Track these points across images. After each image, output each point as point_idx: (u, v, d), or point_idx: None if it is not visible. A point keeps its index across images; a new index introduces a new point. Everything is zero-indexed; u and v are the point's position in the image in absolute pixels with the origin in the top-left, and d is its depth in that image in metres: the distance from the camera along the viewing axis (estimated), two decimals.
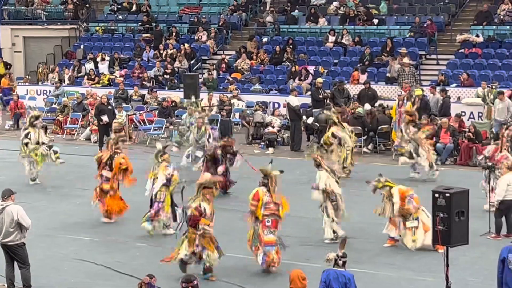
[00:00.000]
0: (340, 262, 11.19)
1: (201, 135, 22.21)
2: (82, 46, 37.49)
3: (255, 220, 14.82)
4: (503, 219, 16.47)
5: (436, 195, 11.53)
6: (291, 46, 33.31)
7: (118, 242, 16.77)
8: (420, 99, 26.28)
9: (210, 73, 32.70)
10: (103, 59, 35.38)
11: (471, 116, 27.10)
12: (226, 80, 32.49)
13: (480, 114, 26.88)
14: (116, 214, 18.24)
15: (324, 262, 11.37)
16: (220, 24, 36.33)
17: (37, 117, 22.28)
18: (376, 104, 27.33)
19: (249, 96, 30.87)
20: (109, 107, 27.41)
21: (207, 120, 23.12)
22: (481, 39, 31.47)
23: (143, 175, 17.78)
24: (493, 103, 25.83)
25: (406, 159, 22.12)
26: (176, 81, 32.75)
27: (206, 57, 35.31)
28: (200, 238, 14.15)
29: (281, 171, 15.34)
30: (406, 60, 29.71)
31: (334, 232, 16.26)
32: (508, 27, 31.96)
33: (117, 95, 31.79)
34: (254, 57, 33.79)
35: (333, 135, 22.10)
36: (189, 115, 23.45)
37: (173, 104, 30.30)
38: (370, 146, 25.73)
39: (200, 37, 35.91)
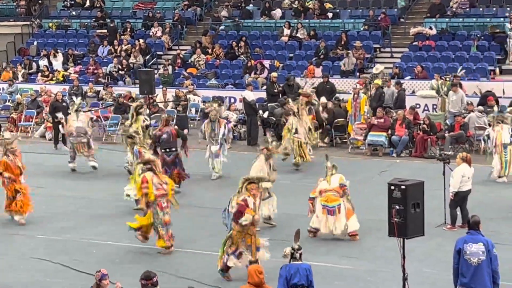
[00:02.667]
0: (297, 255, 11.30)
1: (216, 128, 21.72)
2: (35, 43, 37.12)
3: (151, 204, 15.28)
4: (458, 210, 16.64)
5: (392, 187, 11.61)
6: (243, 41, 33.27)
7: (74, 240, 16.66)
8: (376, 88, 26.55)
9: (165, 68, 32.61)
10: (55, 56, 35.05)
11: (426, 108, 27.33)
12: (182, 75, 32.41)
13: (435, 106, 27.13)
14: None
15: (282, 258, 11.46)
16: (175, 19, 36.23)
17: (141, 106, 22.50)
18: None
19: (205, 91, 30.82)
20: (64, 104, 27.19)
21: (221, 114, 22.61)
22: (434, 31, 31.76)
23: (101, 172, 17.71)
24: (447, 95, 26.09)
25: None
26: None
27: (161, 53, 35.18)
28: (245, 237, 13.88)
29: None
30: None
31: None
32: (460, 19, 32.28)
33: (72, 91, 31.54)
34: (210, 51, 33.75)
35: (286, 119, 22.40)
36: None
37: (131, 100, 30.14)
38: (326, 140, 25.82)
39: (155, 32, 35.77)
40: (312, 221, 16.14)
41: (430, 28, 31.86)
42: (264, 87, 29.72)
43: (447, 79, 26.80)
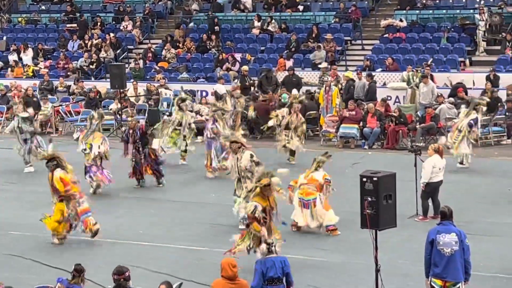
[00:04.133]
0: (273, 249, 11.33)
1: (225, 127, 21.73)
2: (4, 38, 36.86)
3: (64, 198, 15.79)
4: (430, 201, 16.73)
5: (364, 179, 11.65)
6: (214, 34, 33.18)
7: (46, 236, 16.55)
8: (346, 81, 26.64)
9: (136, 62, 32.48)
10: (25, 51, 34.78)
11: (397, 100, 27.43)
12: (153, 69, 32.30)
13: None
14: None
15: (260, 256, 11.48)
16: (145, 13, 36.10)
17: (183, 100, 22.81)
18: (304, 90, 27.49)
19: (176, 85, 30.73)
20: (34, 99, 27.03)
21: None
22: (404, 23, 31.90)
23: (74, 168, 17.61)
24: (418, 87, 26.20)
25: None
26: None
27: (132, 47, 35.05)
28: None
29: (50, 140, 17.36)
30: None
31: None
32: (430, 11, 32.45)
33: (42, 86, 31.36)
34: (180, 45, 33.64)
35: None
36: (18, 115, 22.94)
37: (99, 95, 30.00)
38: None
39: (125, 26, 35.62)
40: (293, 214, 16.16)
41: (401, 20, 31.99)
42: (235, 80, 29.70)
43: (419, 70, 26.93)
